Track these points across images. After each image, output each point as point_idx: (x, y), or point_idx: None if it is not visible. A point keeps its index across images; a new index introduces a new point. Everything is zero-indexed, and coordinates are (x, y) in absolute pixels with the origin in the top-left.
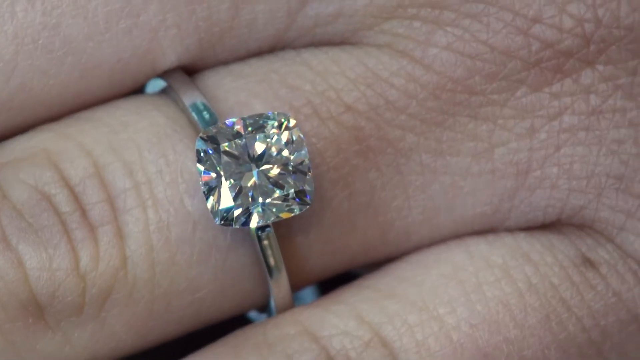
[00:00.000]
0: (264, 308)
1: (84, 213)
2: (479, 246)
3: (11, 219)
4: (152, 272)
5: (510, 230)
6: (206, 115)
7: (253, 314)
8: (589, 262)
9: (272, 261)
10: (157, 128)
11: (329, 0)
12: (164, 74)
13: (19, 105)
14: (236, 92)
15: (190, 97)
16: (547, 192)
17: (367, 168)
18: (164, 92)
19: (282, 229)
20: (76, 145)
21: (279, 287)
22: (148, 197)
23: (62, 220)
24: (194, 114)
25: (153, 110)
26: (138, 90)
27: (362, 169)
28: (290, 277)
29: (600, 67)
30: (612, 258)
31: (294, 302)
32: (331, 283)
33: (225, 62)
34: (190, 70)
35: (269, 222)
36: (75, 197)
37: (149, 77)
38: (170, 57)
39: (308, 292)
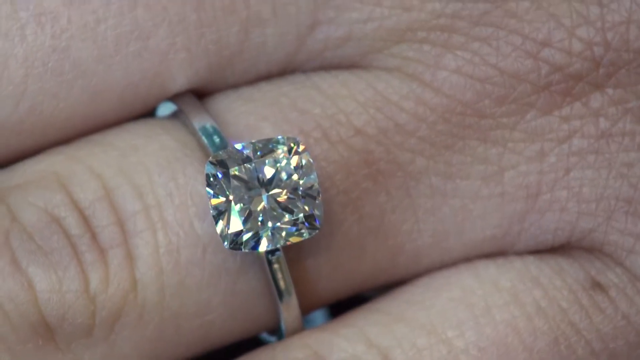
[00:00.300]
0: (274, 330)
1: (93, 236)
2: (488, 270)
3: (21, 242)
4: (162, 295)
5: (519, 253)
6: (216, 139)
7: (264, 335)
8: (597, 286)
9: (282, 285)
10: (167, 152)
11: (338, 23)
12: (174, 97)
13: (29, 128)
14: (246, 115)
15: (200, 121)
16: (556, 215)
17: (376, 191)
18: (174, 115)
19: (291, 253)
20: (86, 168)
21: (289, 311)
22: (158, 220)
23: (72, 242)
24: (203, 138)
25: (163, 134)
26: (148, 113)
27: (371, 193)
28: (300, 301)
29: (609, 91)
30: (621, 281)
31: (303, 325)
32: (342, 305)
33: (235, 85)
34: (200, 93)
35: (278, 246)
36: (85, 220)
37: (158, 100)
38: (179, 81)
39: (318, 314)
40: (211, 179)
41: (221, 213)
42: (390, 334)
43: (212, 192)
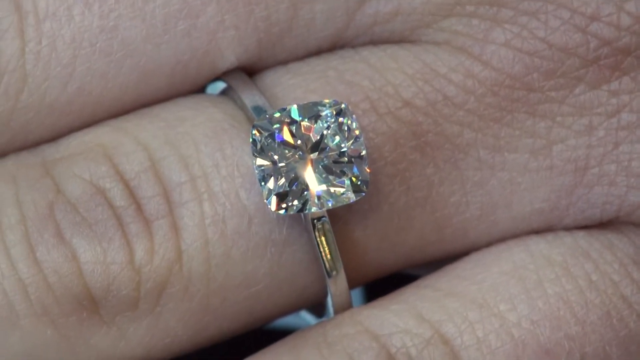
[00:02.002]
0: (319, 307)
1: (139, 207)
2: (539, 245)
3: (65, 213)
4: (207, 266)
5: (568, 228)
6: (264, 111)
7: (304, 314)
8: None
9: (329, 257)
10: (214, 123)
11: None
12: (223, 75)
13: (78, 109)
14: (294, 89)
15: (248, 95)
16: (605, 189)
17: (424, 163)
18: (223, 92)
19: (339, 224)
20: (132, 140)
21: (337, 285)
22: (204, 190)
23: (117, 214)
24: (251, 110)
25: (211, 107)
26: (198, 92)
27: (419, 164)
28: (348, 273)
29: None
30: None
31: (351, 302)
32: (380, 289)
33: (285, 62)
34: (249, 71)
35: (324, 209)
36: (130, 191)
37: (208, 79)
38: (229, 58)
39: (355, 297)
40: (257, 143)
41: (267, 176)
42: (442, 309)
43: (258, 156)
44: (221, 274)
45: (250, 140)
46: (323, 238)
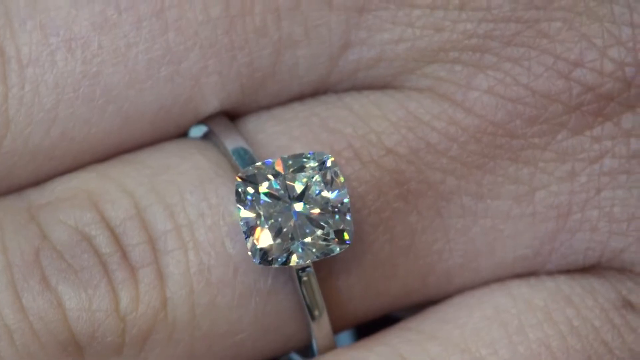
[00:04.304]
0: (305, 351)
1: (124, 254)
2: (521, 289)
3: (51, 260)
4: (192, 314)
5: (550, 273)
6: (248, 159)
7: (293, 355)
8: (629, 305)
9: (313, 304)
10: (199, 171)
11: (370, 44)
12: (206, 119)
13: (61, 154)
14: (277, 136)
15: (232, 142)
16: (587, 235)
17: (407, 211)
18: (206, 136)
19: (323, 272)
20: (117, 187)
21: (321, 330)
22: (189, 239)
23: (103, 261)
24: (235, 159)
25: (196, 154)
26: (181, 135)
27: (402, 212)
28: (332, 320)
29: None
30: None
31: (336, 344)
32: (368, 325)
33: (268, 107)
34: (232, 115)
35: (309, 261)
36: (116, 238)
37: (191, 123)
38: (212, 103)
39: (344, 335)
40: (242, 195)
41: (251, 228)
42: (424, 353)
43: (242, 208)
44: (206, 323)
45: (235, 192)
46: (308, 286)
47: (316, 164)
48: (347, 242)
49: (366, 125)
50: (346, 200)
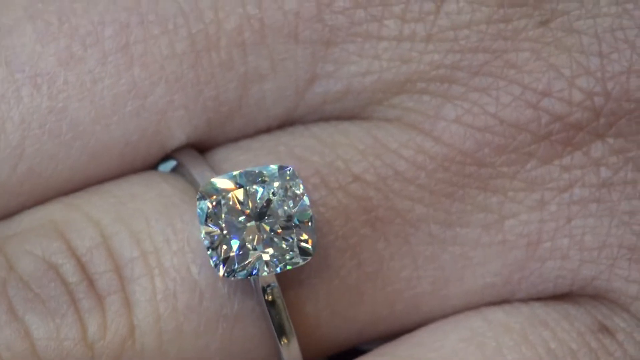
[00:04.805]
0: None
1: (91, 283)
2: (496, 314)
3: (18, 290)
4: (159, 341)
5: (523, 300)
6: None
7: None
8: (605, 329)
9: (282, 328)
10: (164, 198)
11: (337, 77)
12: (173, 151)
13: (29, 190)
14: (244, 164)
15: (198, 170)
16: (557, 263)
17: (375, 238)
18: (174, 170)
19: (289, 296)
20: (83, 216)
21: (290, 352)
22: (155, 266)
23: (70, 290)
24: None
25: (162, 183)
26: (149, 169)
27: (370, 239)
28: (301, 346)
29: (610, 140)
30: (628, 326)
31: None
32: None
33: (235, 140)
34: (200, 147)
35: (272, 273)
36: (83, 267)
37: (158, 157)
38: (179, 137)
39: None
40: (203, 210)
41: (214, 243)
42: None
43: (205, 224)
44: (174, 349)
45: (197, 208)
46: (274, 305)
47: (277, 176)
48: (311, 254)
49: (333, 152)
50: (308, 211)
